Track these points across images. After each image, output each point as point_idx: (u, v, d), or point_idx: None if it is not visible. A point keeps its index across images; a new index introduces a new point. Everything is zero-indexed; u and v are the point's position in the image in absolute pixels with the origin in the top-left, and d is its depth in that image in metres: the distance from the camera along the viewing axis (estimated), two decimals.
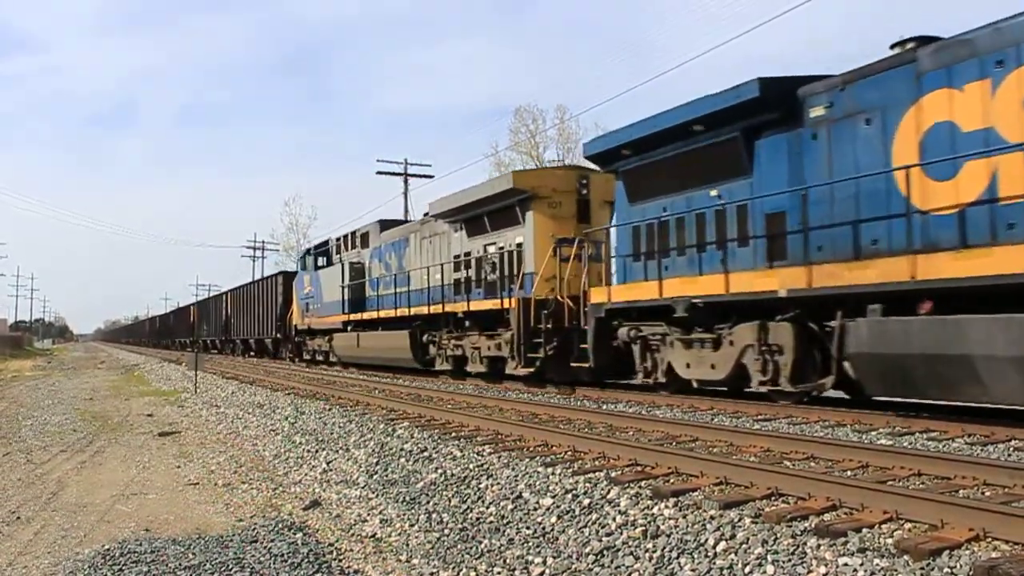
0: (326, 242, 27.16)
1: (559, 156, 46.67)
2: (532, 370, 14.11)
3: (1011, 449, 6.96)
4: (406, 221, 24.18)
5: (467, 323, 16.62)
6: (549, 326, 13.71)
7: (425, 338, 18.43)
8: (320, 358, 26.79)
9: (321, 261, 26.57)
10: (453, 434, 8.94)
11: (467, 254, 17.10)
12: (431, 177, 41.81)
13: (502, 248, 15.75)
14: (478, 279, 16.56)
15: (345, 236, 24.97)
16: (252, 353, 39.38)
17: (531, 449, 7.72)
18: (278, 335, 32.57)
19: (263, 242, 71.29)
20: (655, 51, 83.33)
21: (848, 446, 6.74)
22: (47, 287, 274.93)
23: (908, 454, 6.25)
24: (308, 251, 28.33)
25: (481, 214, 16.35)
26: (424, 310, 18.35)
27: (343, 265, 23.60)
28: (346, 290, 23.02)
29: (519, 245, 15.12)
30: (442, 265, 17.95)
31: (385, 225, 22.51)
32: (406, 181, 40.91)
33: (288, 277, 32.06)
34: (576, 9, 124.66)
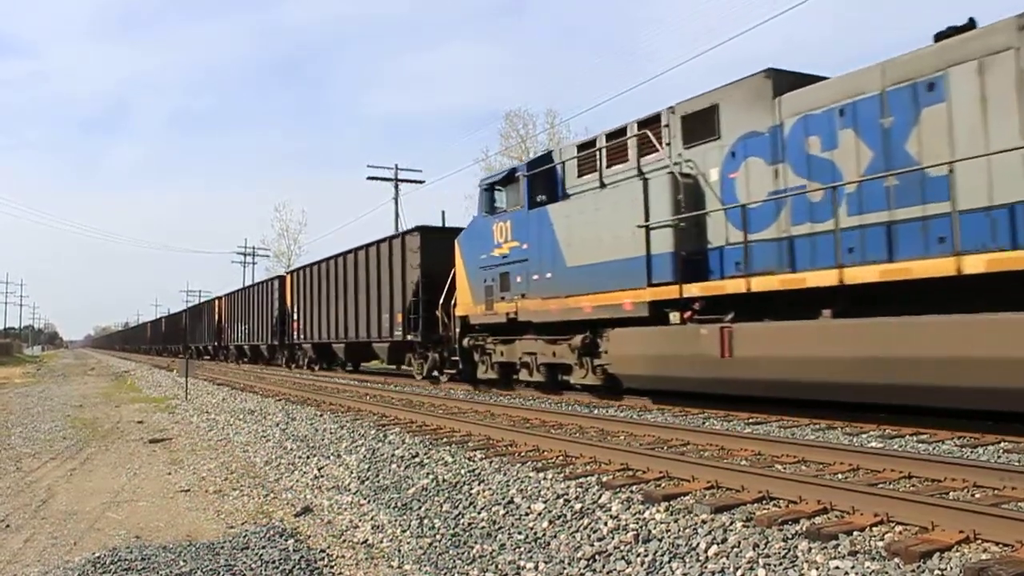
0: (547, 155, 14.29)
1: None
2: None
3: (1000, 451, 7.00)
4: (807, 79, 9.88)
5: None
6: None
7: None
8: (533, 377, 13.93)
9: (541, 196, 13.63)
10: (444, 439, 8.93)
11: None
12: (422, 183, 41.67)
13: None
14: None
15: (622, 130, 12.22)
16: (331, 366, 26.67)
17: (523, 454, 7.71)
18: (408, 335, 18.72)
19: (254, 248, 71.02)
20: (646, 54, 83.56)
21: (839, 449, 6.76)
22: (37, 294, 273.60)
23: (899, 456, 6.27)
24: (511, 173, 14.45)
25: None
26: None
27: (644, 185, 11.01)
28: (664, 236, 10.76)
29: None
30: None
31: (791, 80, 9.87)
32: (396, 187, 40.90)
33: (432, 235, 18.64)
34: (568, 14, 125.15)
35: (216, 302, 44.14)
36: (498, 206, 14.83)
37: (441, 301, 17.05)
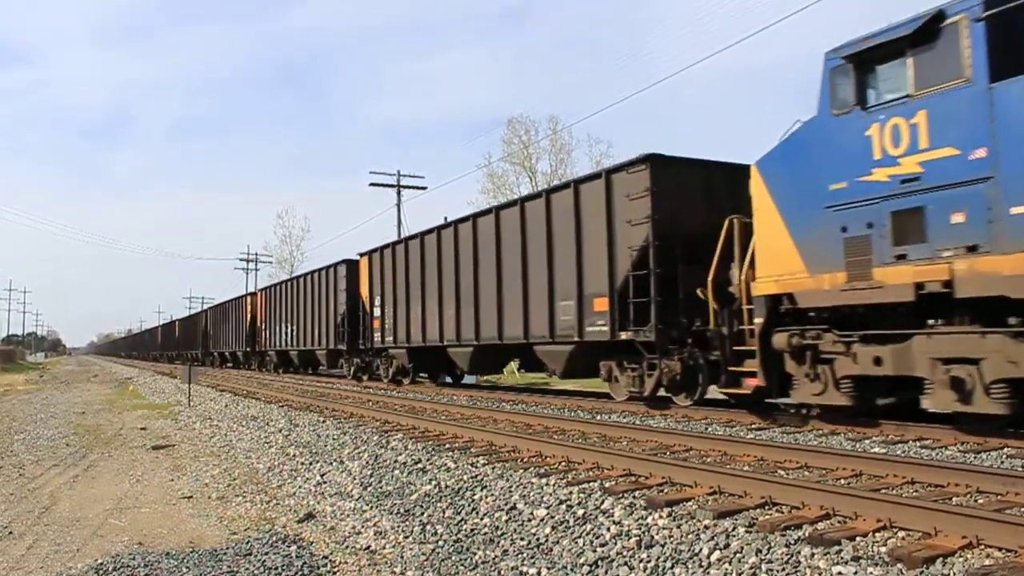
0: None
1: (552, 167, 46.44)
2: None
3: (1004, 456, 6.99)
4: None
5: None
6: None
7: None
8: (970, 405, 7.34)
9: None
10: (447, 446, 8.93)
11: None
12: (424, 188, 41.62)
13: None
14: None
15: None
16: (416, 378, 20.04)
17: (525, 460, 7.71)
18: (622, 333, 11.75)
19: (256, 254, 70.90)
20: (649, 60, 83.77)
21: (842, 455, 6.76)
22: (39, 301, 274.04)
23: (901, 462, 6.27)
24: (933, 20, 7.47)
25: None
26: None
27: None
28: None
29: None
30: None
31: None
32: (399, 192, 40.92)
33: (672, 169, 11.45)
34: (570, 19, 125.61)
35: (248, 299, 35.88)
36: (871, 100, 8.23)
37: (711, 275, 10.43)
